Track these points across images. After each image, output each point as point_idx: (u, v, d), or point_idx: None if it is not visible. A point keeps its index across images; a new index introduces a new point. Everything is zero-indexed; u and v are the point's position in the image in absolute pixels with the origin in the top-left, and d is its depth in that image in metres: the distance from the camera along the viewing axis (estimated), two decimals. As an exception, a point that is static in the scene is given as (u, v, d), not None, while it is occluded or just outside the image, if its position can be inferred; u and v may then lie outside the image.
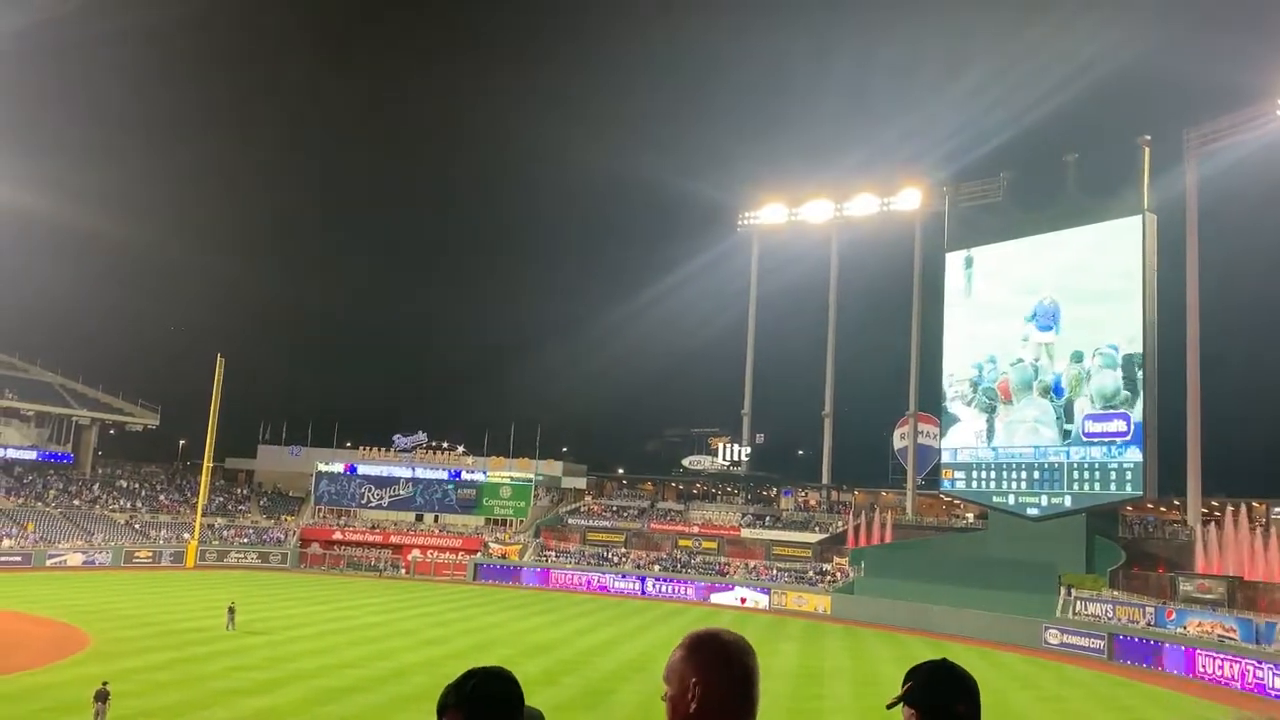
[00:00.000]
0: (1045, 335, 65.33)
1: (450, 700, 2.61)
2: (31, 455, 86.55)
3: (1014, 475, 65.98)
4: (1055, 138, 75.27)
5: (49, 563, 71.15)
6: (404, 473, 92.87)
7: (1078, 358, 63.27)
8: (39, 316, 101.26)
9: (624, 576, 78.62)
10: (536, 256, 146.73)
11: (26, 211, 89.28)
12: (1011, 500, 66.00)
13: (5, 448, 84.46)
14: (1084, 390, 62.66)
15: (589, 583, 78.50)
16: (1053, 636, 55.60)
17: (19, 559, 69.90)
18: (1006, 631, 56.01)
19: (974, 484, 68.84)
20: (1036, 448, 64.81)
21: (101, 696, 25.58)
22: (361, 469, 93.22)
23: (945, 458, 71.67)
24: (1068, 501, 62.69)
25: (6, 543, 71.91)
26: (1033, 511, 64.44)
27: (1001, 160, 74.46)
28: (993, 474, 67.38)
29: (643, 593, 76.22)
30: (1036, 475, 64.67)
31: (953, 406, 70.82)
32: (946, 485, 72.03)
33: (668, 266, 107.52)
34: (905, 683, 2.87)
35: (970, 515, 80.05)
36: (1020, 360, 66.33)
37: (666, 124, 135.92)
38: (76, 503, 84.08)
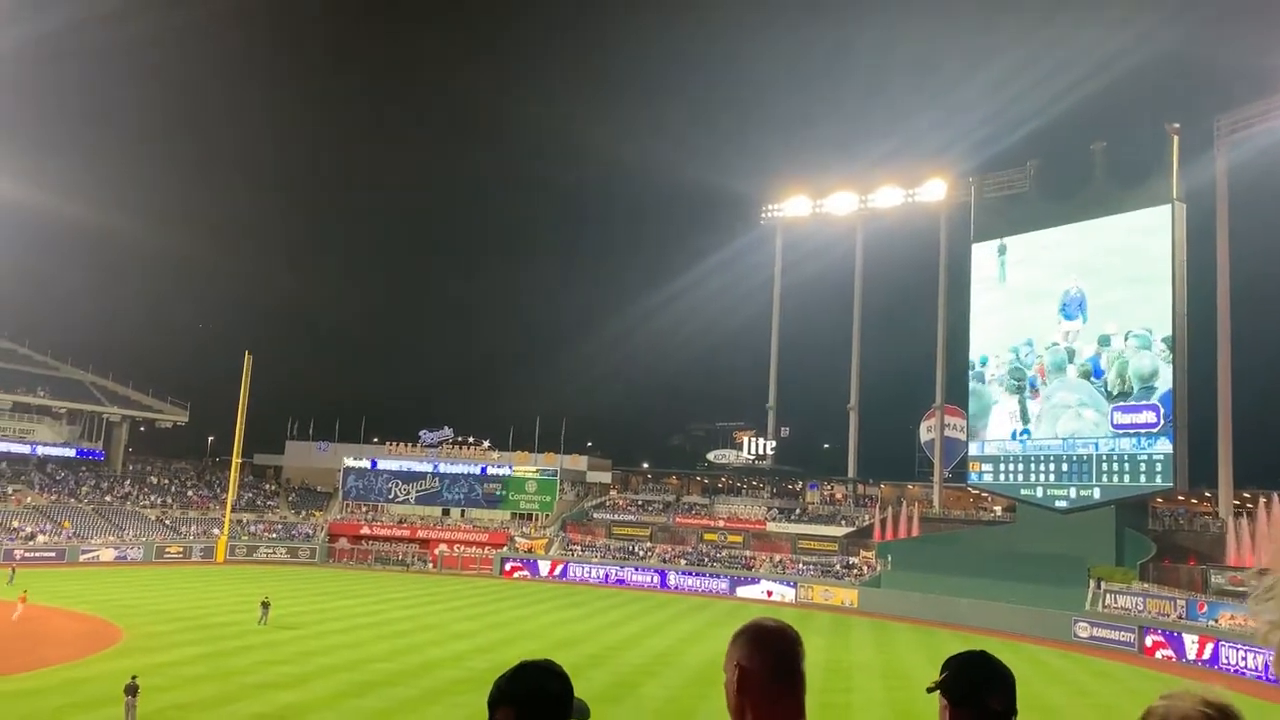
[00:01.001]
0: (1073, 324, 64.77)
1: (504, 696, 2.61)
2: (65, 452, 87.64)
3: (1042, 468, 65.49)
4: (1083, 126, 74.56)
5: (82, 558, 72.08)
6: (430, 468, 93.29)
7: (1105, 341, 62.80)
8: (70, 316, 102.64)
9: (648, 570, 78.66)
10: (562, 251, 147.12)
11: (56, 215, 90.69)
12: (1040, 493, 65.50)
13: (37, 445, 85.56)
14: (1121, 371, 62.06)
15: (613, 577, 78.60)
16: (1082, 629, 55.19)
17: (53, 554, 70.85)
18: (1036, 625, 55.60)
19: (1002, 477, 68.36)
20: (1065, 439, 64.26)
21: (131, 690, 25.85)
22: (388, 464, 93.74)
23: (973, 450, 71.20)
24: (1097, 494, 62.14)
25: (41, 538, 72.89)
26: (1061, 504, 63.92)
27: (1028, 150, 73.81)
28: (1021, 466, 66.90)
29: (668, 586, 76.24)
30: (1065, 467, 64.15)
31: (985, 390, 70.13)
32: (974, 478, 71.56)
33: (691, 260, 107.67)
34: (941, 672, 2.83)
35: (998, 508, 79.50)
36: (1055, 344, 65.69)
37: (691, 118, 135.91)
38: (108, 499, 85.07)
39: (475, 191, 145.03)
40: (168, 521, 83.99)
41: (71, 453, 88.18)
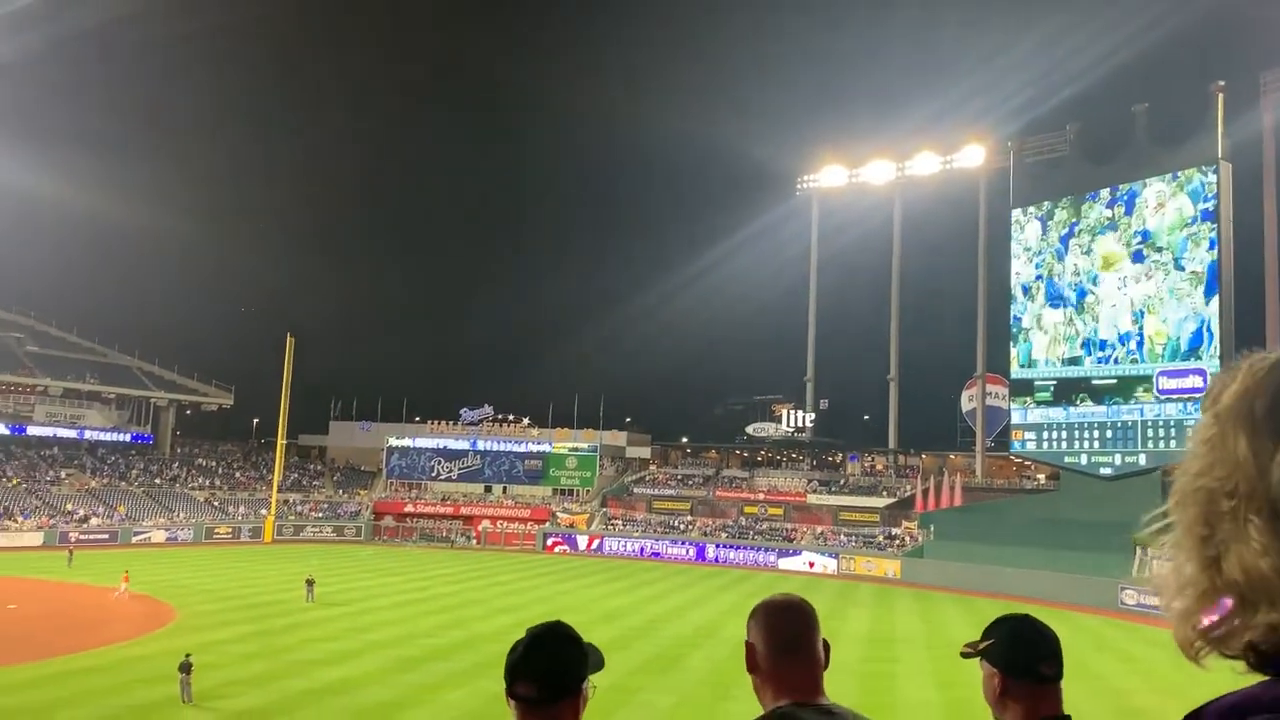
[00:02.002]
0: (1118, 291, 63.80)
1: (523, 671, 2.60)
2: (116, 436, 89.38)
3: (1086, 435, 64.72)
4: (1123, 89, 73.07)
5: (134, 540, 73.66)
6: (471, 445, 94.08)
7: (1150, 303, 61.87)
8: (115, 304, 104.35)
9: (686, 544, 78.96)
10: (599, 227, 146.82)
11: (101, 210, 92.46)
12: (1084, 460, 64.78)
13: (87, 430, 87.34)
14: (1167, 332, 61.28)
15: (649, 550, 79.01)
16: (1129, 597, 54.66)
17: (106, 536, 72.48)
18: (1081, 593, 55.17)
19: (1045, 445, 67.66)
20: (1109, 405, 63.42)
21: (185, 668, 26.45)
22: (430, 442, 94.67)
23: (1015, 418, 70.50)
24: (1142, 460, 61.31)
25: (94, 521, 74.54)
26: (1106, 471, 63.17)
27: (1068, 114, 72.38)
28: (1064, 434, 66.16)
29: (706, 559, 76.51)
30: (1109, 434, 63.36)
31: (1028, 320, 69.52)
32: (1016, 446, 70.87)
33: (726, 234, 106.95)
34: (986, 638, 2.78)
35: (1041, 476, 78.81)
36: (1101, 303, 64.72)
37: (723, 89, 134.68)
38: (158, 481, 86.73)
39: (511, 169, 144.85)
40: (216, 503, 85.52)
41: (125, 437, 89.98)
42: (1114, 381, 63.43)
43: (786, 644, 2.70)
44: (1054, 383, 67.17)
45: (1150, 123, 64.31)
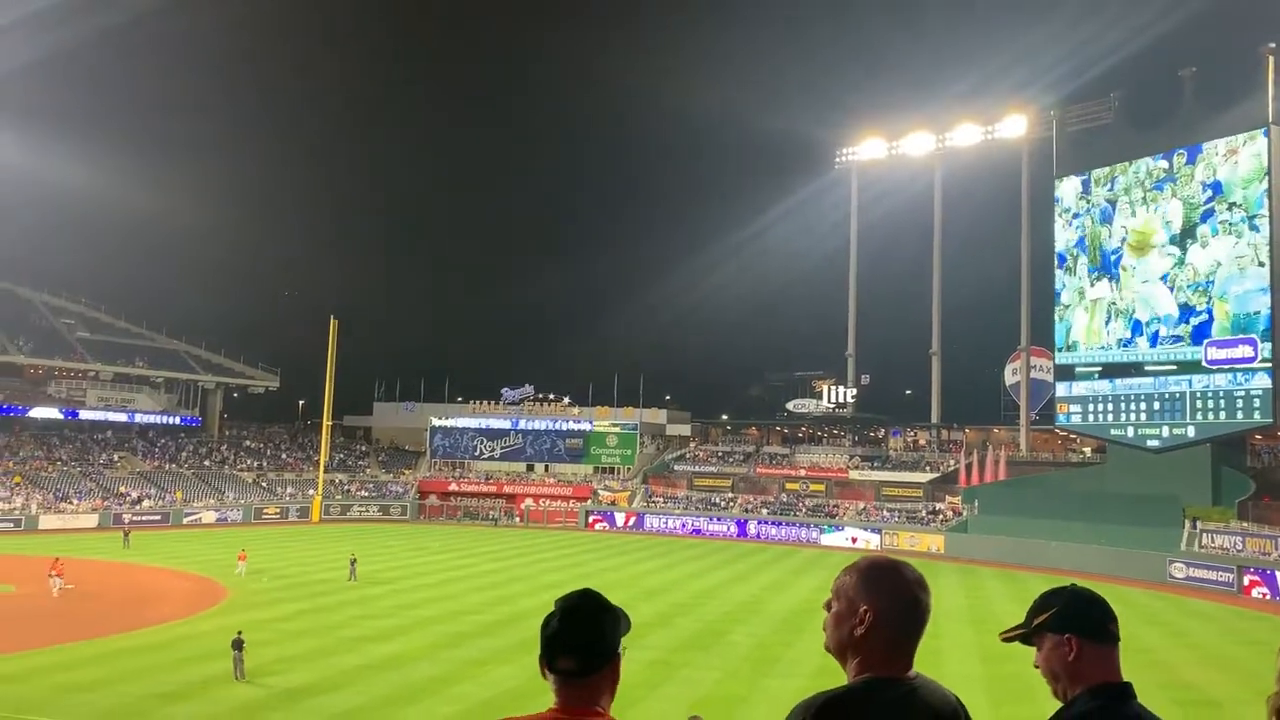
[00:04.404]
0: (1164, 257, 62.61)
1: (562, 645, 2.61)
2: (165, 419, 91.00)
3: (1133, 407, 63.79)
4: (1169, 53, 71.31)
5: (185, 521, 75.13)
6: (513, 425, 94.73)
7: (1201, 275, 60.60)
8: (163, 289, 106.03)
9: (726, 520, 79.06)
10: (637, 204, 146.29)
11: (145, 200, 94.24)
12: (1131, 432, 63.91)
13: (137, 413, 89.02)
14: (1214, 301, 59.85)
15: (690, 527, 79.22)
16: (1178, 570, 54.08)
17: (158, 518, 74.00)
18: (1129, 566, 54.61)
19: (1090, 417, 66.82)
20: (1156, 377, 62.40)
21: (238, 645, 27.06)
22: (472, 422, 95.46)
23: (1060, 390, 69.67)
24: (1191, 432, 60.39)
25: (146, 502, 76.10)
26: (1154, 443, 62.29)
27: (1111, 81, 70.99)
28: (1110, 406, 65.28)
29: (747, 535, 76.57)
30: (1157, 406, 62.39)
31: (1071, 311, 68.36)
32: (1062, 419, 70.07)
33: (764, 209, 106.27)
34: (1042, 610, 2.73)
35: (1087, 450, 77.86)
36: (1153, 273, 63.30)
37: (763, 62, 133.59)
38: (207, 463, 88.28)
39: (550, 149, 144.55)
40: (264, 484, 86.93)
41: (175, 420, 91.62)
42: (1173, 366, 61.43)
43: (910, 625, 2.62)
44: (1099, 369, 66.02)
45: (1198, 87, 62.88)
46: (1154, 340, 62.58)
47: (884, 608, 2.60)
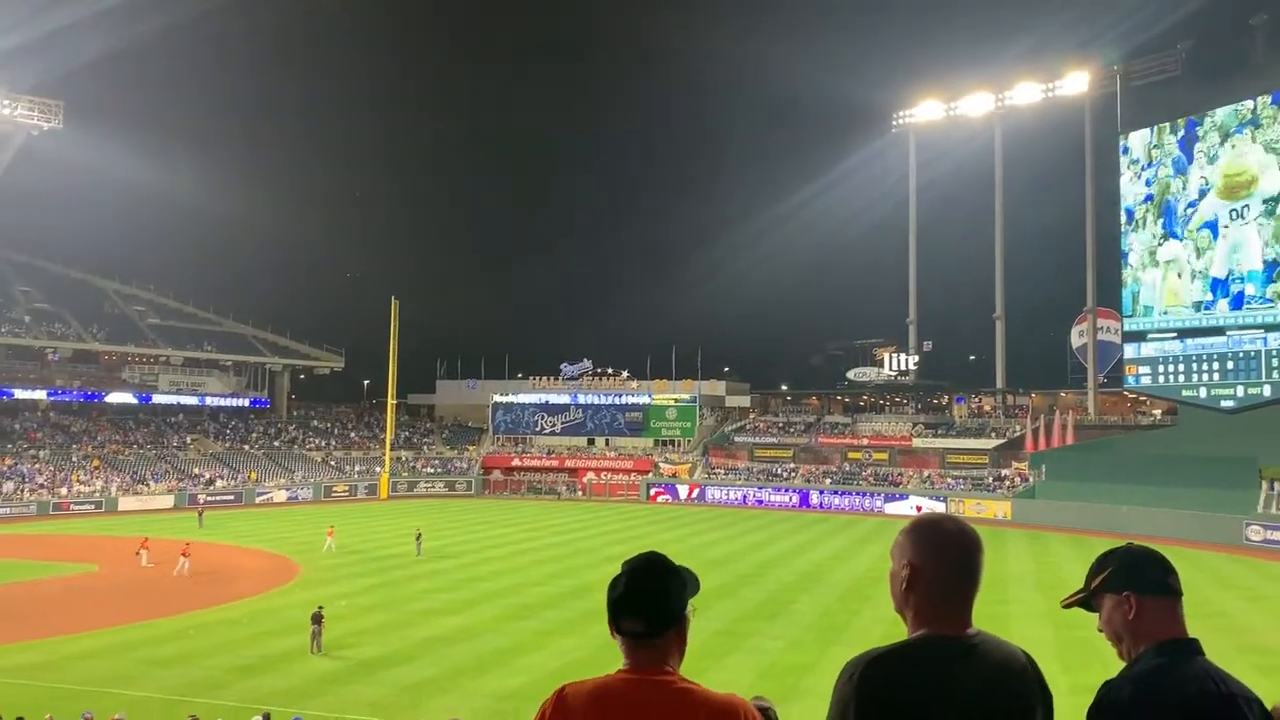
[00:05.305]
0: (1249, 208, 60.69)
1: (628, 606, 2.66)
2: (235, 402, 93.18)
3: (1205, 367, 62.21)
4: (1236, 1, 68.83)
5: (258, 500, 77.02)
6: (573, 399, 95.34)
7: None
8: (229, 275, 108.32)
9: (788, 491, 78.89)
10: (694, 171, 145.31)
11: (212, 194, 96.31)
12: (1203, 393, 62.35)
13: (207, 396, 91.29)
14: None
15: (752, 498, 79.19)
16: (1255, 533, 52.83)
17: (231, 497, 75.98)
18: (1203, 530, 53.44)
19: (1161, 379, 65.29)
20: (1230, 336, 60.68)
21: (317, 619, 27.80)
22: (533, 398, 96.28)
23: (1129, 352, 68.15)
24: (1266, 391, 58.76)
25: (220, 483, 78.13)
26: (1227, 404, 60.73)
27: (1177, 33, 68.71)
28: (1181, 367, 63.71)
29: (810, 505, 76.36)
30: (1230, 365, 60.76)
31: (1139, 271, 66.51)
32: (1131, 381, 68.59)
33: (820, 175, 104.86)
34: (1099, 571, 2.73)
35: (1158, 412, 76.26)
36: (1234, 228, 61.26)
37: (819, 24, 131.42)
38: (276, 443, 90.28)
39: (610, 118, 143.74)
40: (332, 462, 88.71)
41: (244, 402, 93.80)
42: (1259, 330, 59.41)
43: (957, 574, 2.63)
44: (1174, 335, 64.15)
45: (1269, 35, 60.66)
46: (1237, 301, 60.58)
47: (925, 562, 2.62)
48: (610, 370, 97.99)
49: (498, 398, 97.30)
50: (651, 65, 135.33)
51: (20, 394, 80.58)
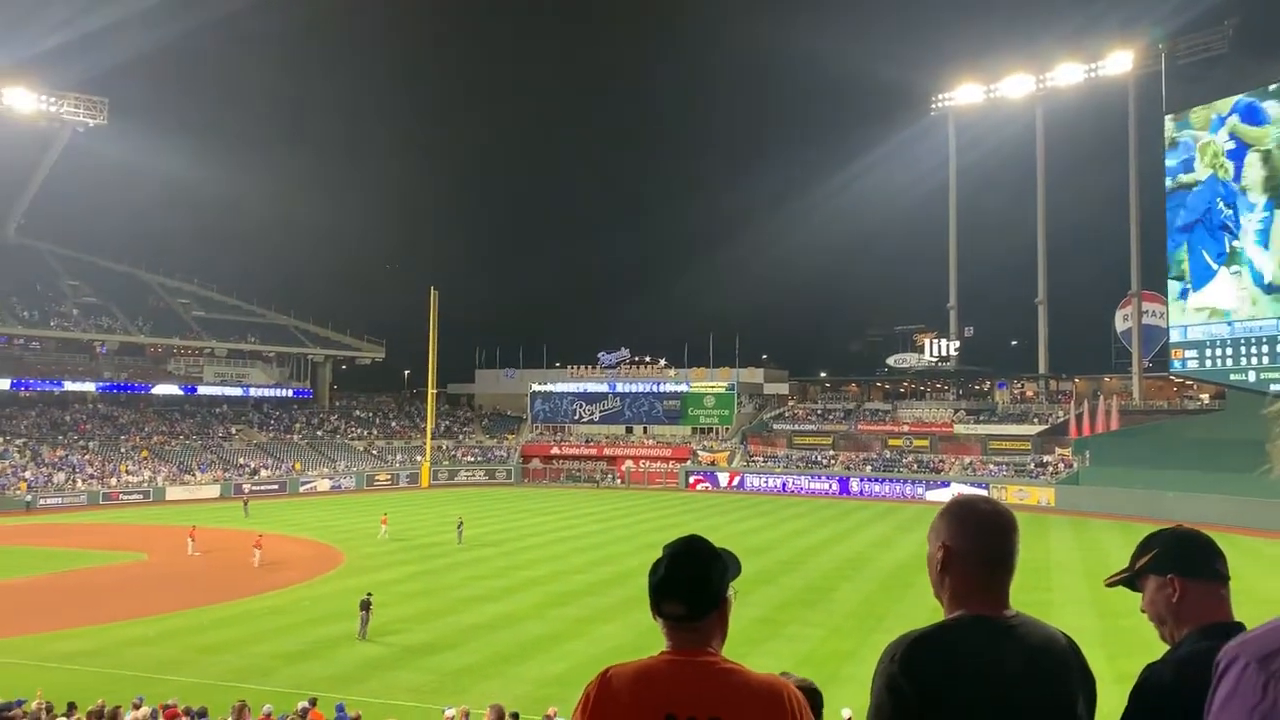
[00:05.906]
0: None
1: (670, 589, 2.66)
2: (278, 392, 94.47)
3: (1254, 350, 61.01)
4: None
5: (301, 489, 78.04)
6: (610, 388, 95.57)
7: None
8: (270, 267, 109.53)
9: (827, 478, 78.55)
10: (728, 156, 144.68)
11: (257, 189, 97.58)
12: (1252, 377, 61.16)
13: (251, 387, 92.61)
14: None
15: (791, 486, 78.95)
16: (1306, 519, 51.80)
17: (276, 487, 77.01)
18: (1252, 515, 52.54)
19: (1208, 363, 64.13)
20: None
21: (365, 605, 28.21)
22: (571, 387, 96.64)
23: (1175, 336, 67.02)
24: (1319, 374, 57.54)
25: (264, 473, 79.23)
26: (1278, 388, 59.54)
27: (1223, 9, 67.26)
28: (1229, 350, 62.54)
29: (849, 493, 76.01)
30: (1280, 349, 59.55)
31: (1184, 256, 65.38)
32: (1177, 366, 67.46)
33: (858, 159, 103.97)
34: (1144, 553, 2.72)
35: (1205, 396, 74.98)
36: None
37: (857, 7, 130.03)
38: (319, 433, 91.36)
39: (641, 106, 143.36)
40: (374, 451, 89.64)
41: (287, 393, 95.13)
42: None
43: (991, 556, 2.62)
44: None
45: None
46: None
47: (959, 544, 2.62)
48: (648, 358, 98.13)
49: (536, 386, 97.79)
50: (692, 52, 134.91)
51: (70, 386, 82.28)
